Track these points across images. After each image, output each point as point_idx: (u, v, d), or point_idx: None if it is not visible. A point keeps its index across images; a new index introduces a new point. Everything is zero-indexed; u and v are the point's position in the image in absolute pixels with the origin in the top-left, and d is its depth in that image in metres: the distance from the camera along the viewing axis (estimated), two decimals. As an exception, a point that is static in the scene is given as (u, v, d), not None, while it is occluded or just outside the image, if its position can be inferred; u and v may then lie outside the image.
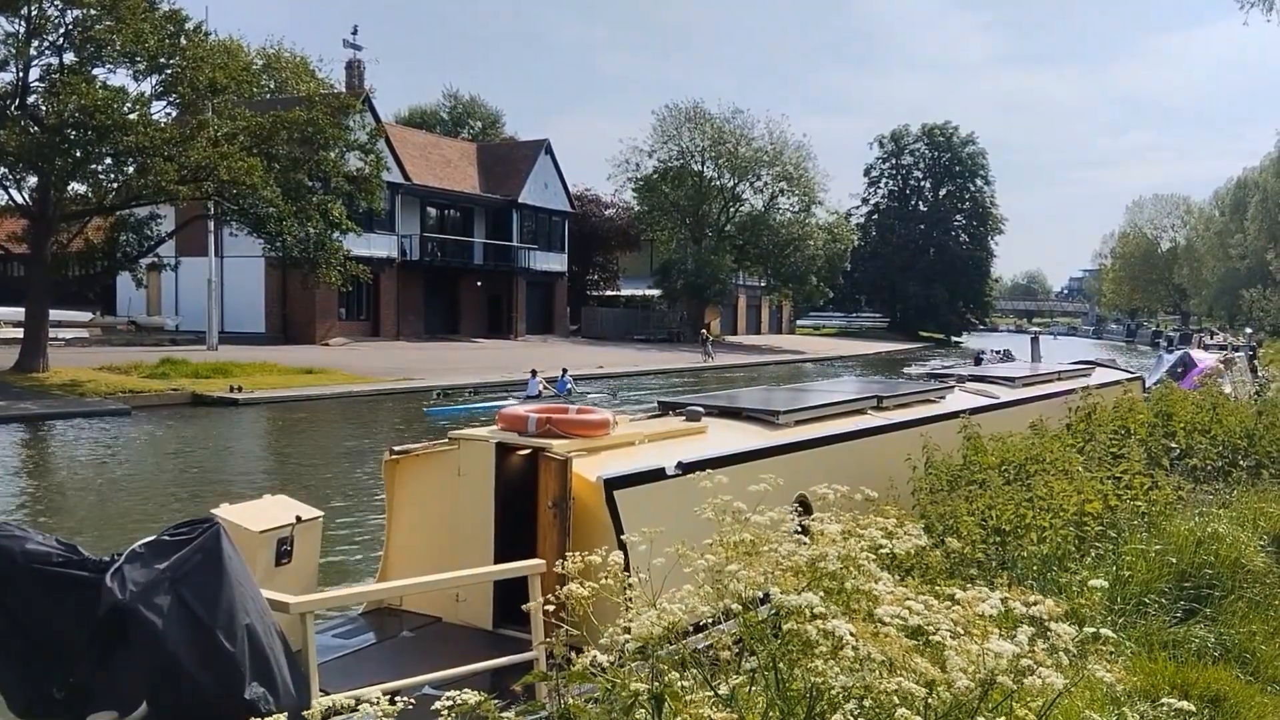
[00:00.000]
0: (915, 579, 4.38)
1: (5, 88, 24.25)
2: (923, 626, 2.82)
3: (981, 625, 2.77)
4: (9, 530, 3.64)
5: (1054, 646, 2.67)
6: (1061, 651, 2.66)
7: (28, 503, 13.77)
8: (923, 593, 3.07)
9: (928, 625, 2.81)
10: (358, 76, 44.33)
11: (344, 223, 27.46)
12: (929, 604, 2.90)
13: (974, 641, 2.69)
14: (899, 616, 2.84)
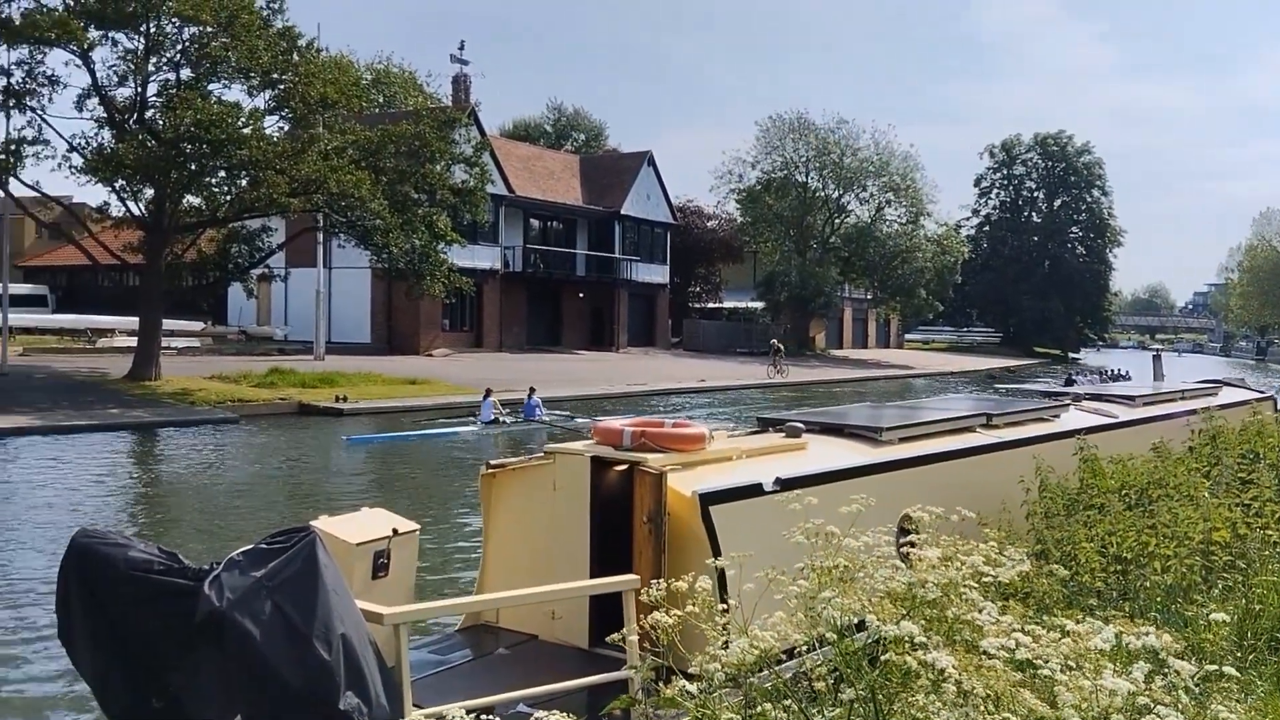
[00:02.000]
0: (1022, 606, 4.18)
1: (125, 102, 25.19)
2: (1031, 660, 2.69)
3: (1094, 659, 2.63)
4: (112, 538, 3.70)
5: (1173, 684, 2.52)
6: (1181, 690, 2.51)
7: (134, 509, 14.08)
8: (1030, 622, 2.93)
9: (1036, 659, 2.68)
10: (464, 90, 45.05)
11: (448, 234, 27.79)
12: (1036, 635, 2.76)
13: (1086, 677, 2.55)
14: (1005, 649, 2.72)
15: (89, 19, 23.52)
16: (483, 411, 21.97)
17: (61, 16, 23.03)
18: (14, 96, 23.93)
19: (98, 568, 3.65)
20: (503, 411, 22.23)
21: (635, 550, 5.79)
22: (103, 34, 24.23)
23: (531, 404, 23.09)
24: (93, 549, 3.67)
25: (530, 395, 23.42)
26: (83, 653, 3.75)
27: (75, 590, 3.69)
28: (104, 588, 3.62)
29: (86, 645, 3.71)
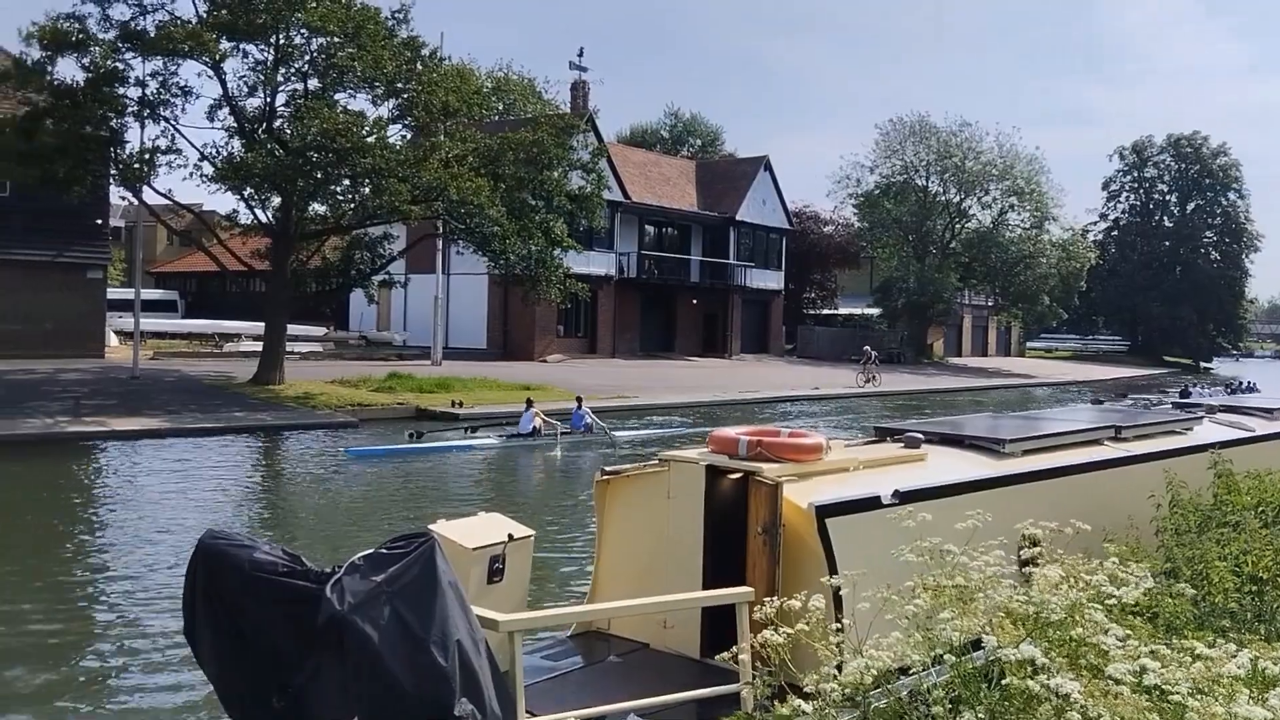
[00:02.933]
0: (1150, 626, 4.05)
1: (254, 112, 26.08)
2: (1159, 685, 2.59)
3: (1228, 685, 2.55)
4: (238, 539, 3.76)
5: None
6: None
7: (258, 511, 14.46)
8: (1157, 644, 2.83)
9: (1165, 684, 2.58)
10: (582, 97, 45.49)
11: (564, 240, 28.00)
12: (1165, 658, 2.67)
13: (1219, 704, 2.45)
14: (1132, 673, 2.63)
15: (221, 31, 24.41)
16: (522, 423, 20.75)
17: (195, 29, 23.96)
18: (148, 107, 24.94)
19: (223, 568, 3.69)
20: (547, 423, 20.92)
21: (749, 562, 5.71)
22: (234, 45, 25.12)
23: (579, 415, 21.65)
24: (219, 550, 3.71)
25: (578, 405, 22.10)
26: (206, 650, 3.80)
27: (201, 589, 3.74)
28: (229, 588, 3.67)
29: (210, 643, 3.76)
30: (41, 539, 12.05)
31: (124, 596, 9.70)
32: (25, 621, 8.70)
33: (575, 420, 21.44)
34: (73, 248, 30.69)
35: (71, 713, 6.88)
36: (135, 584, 10.02)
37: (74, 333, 30.91)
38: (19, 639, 8.31)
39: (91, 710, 7.00)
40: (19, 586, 9.78)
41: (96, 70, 24.21)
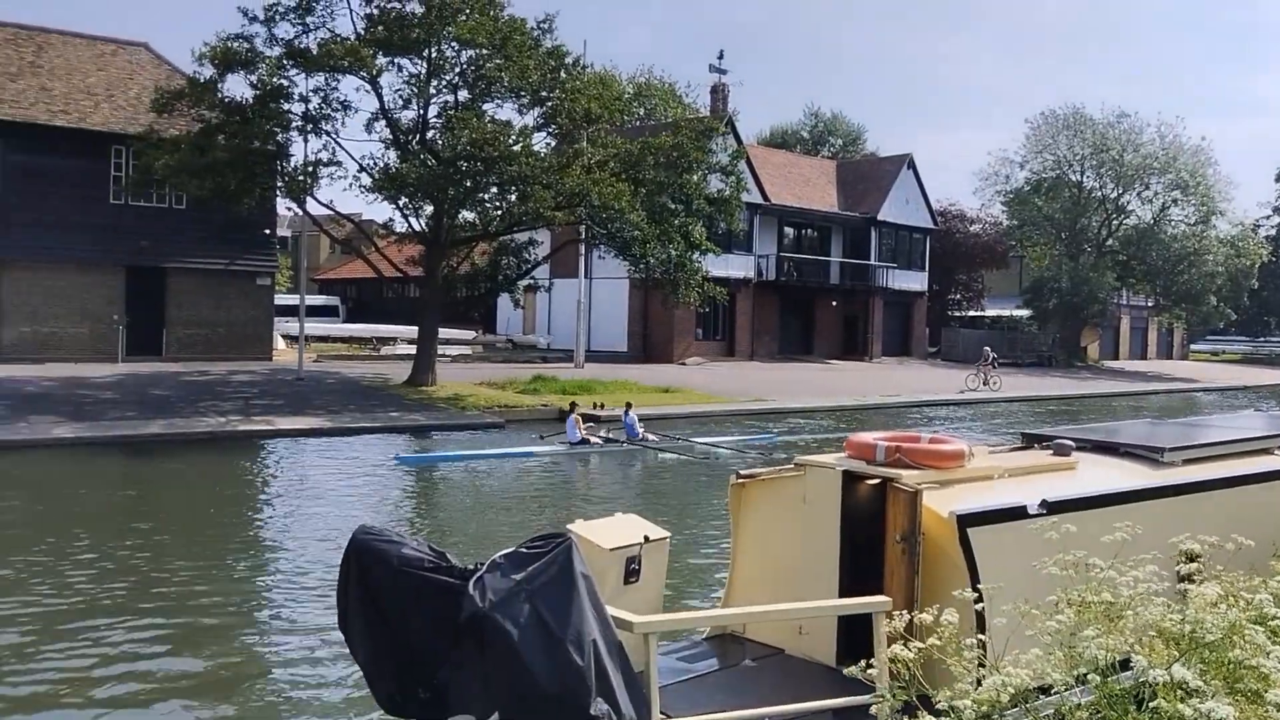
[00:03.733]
0: None
1: (408, 124, 27.04)
2: None
3: None
4: (388, 535, 3.90)
5: None
6: None
7: (409, 509, 14.97)
8: None
9: None
10: (722, 99, 45.53)
11: (703, 243, 28.07)
12: None
13: None
14: None
15: (378, 47, 25.42)
16: (568, 431, 19.93)
17: (354, 45, 25.00)
18: (311, 121, 26.14)
19: (374, 563, 3.84)
20: (594, 430, 20.26)
21: (887, 570, 5.59)
22: (389, 60, 26.10)
23: (629, 421, 20.66)
24: (370, 545, 3.87)
25: (627, 412, 20.98)
26: (357, 640, 3.95)
27: (353, 582, 3.90)
28: (379, 582, 3.82)
29: (361, 634, 3.92)
30: (212, 528, 12.84)
31: (287, 586, 10.20)
32: (197, 611, 9.24)
33: (629, 428, 20.52)
34: (244, 257, 32.57)
35: (232, 700, 7.22)
36: (296, 574, 10.52)
37: (245, 337, 32.84)
38: (190, 624, 8.84)
39: (250, 696, 7.34)
40: (192, 572, 10.42)
41: (263, 87, 25.54)
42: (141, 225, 30.41)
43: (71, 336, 29.66)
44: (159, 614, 9.03)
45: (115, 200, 30.08)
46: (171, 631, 8.61)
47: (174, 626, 8.73)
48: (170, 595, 9.63)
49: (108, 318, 30.02)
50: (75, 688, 7.25)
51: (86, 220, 29.53)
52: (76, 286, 29.75)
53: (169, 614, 9.04)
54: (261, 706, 7.15)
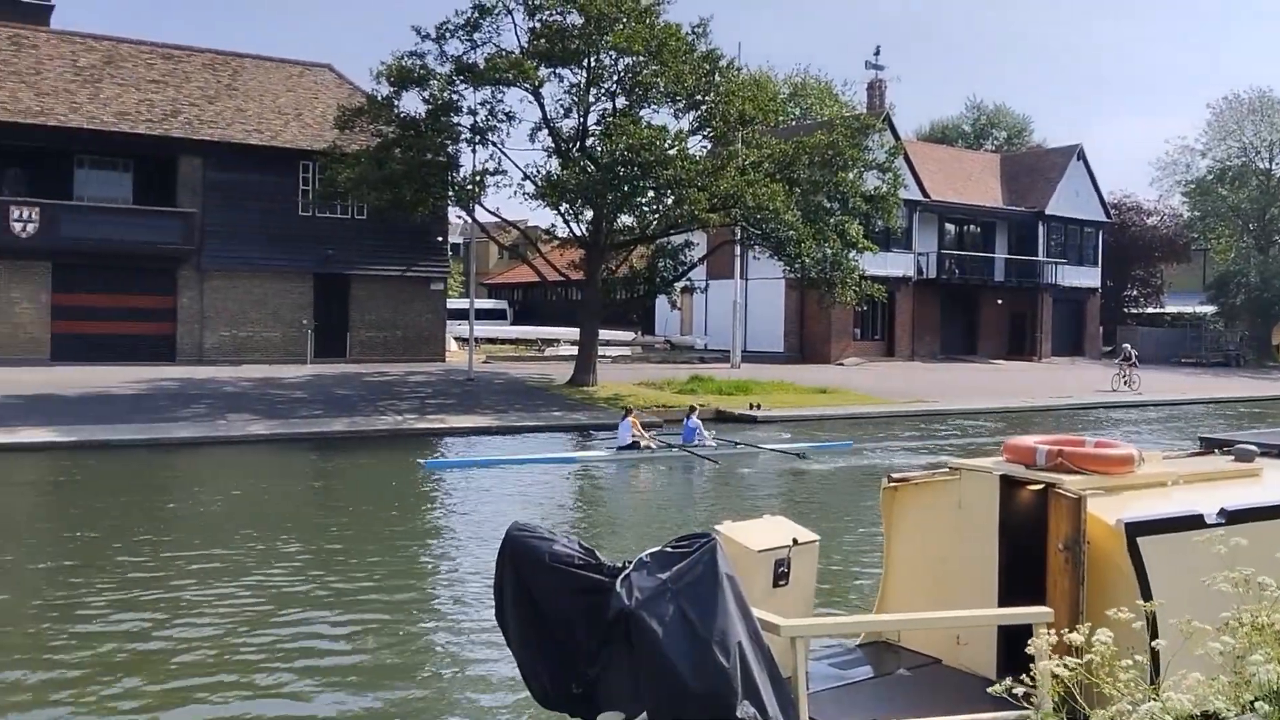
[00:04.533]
0: None
1: (569, 132, 27.83)
2: None
3: None
4: (540, 532, 3.99)
5: None
6: None
7: (566, 507, 15.37)
8: None
9: None
10: (879, 95, 44.90)
11: (860, 242, 27.82)
12: None
13: None
14: None
15: (540, 59, 26.24)
16: (620, 434, 19.09)
17: (517, 59, 25.90)
18: (479, 133, 27.18)
19: (526, 559, 3.92)
20: (646, 435, 19.39)
21: (1050, 580, 5.35)
22: (551, 71, 26.88)
23: (690, 427, 19.59)
24: (522, 541, 3.95)
25: (689, 416, 19.99)
26: (513, 635, 4.05)
27: (508, 578, 3.99)
28: (531, 578, 3.90)
29: (515, 629, 4.01)
30: (387, 521, 13.67)
31: (453, 580, 10.73)
32: (365, 605, 9.76)
33: (686, 433, 19.52)
34: (418, 263, 34.27)
35: (397, 689, 7.49)
36: (462, 569, 11.03)
37: (420, 339, 34.53)
38: (361, 614, 9.33)
39: (415, 685, 7.64)
40: (367, 564, 11.09)
41: (435, 102, 26.79)
42: (327, 235, 32.47)
43: (265, 340, 31.90)
44: (338, 606, 9.57)
45: (303, 212, 32.22)
46: (352, 616, 9.15)
47: (352, 615, 9.24)
48: (347, 586, 10.22)
49: (297, 322, 32.16)
50: (245, 673, 7.66)
51: (278, 231, 31.74)
52: (270, 293, 32.00)
53: (349, 606, 9.58)
54: (424, 696, 7.37)
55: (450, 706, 7.21)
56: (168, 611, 9.07)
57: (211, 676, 7.57)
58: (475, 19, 26.87)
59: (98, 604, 9.28)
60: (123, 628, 8.63)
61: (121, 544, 11.61)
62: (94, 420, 19.85)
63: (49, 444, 18.20)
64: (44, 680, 7.45)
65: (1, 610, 9.21)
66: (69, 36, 32.85)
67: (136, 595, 9.56)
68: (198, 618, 8.92)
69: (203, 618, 8.92)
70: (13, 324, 28.97)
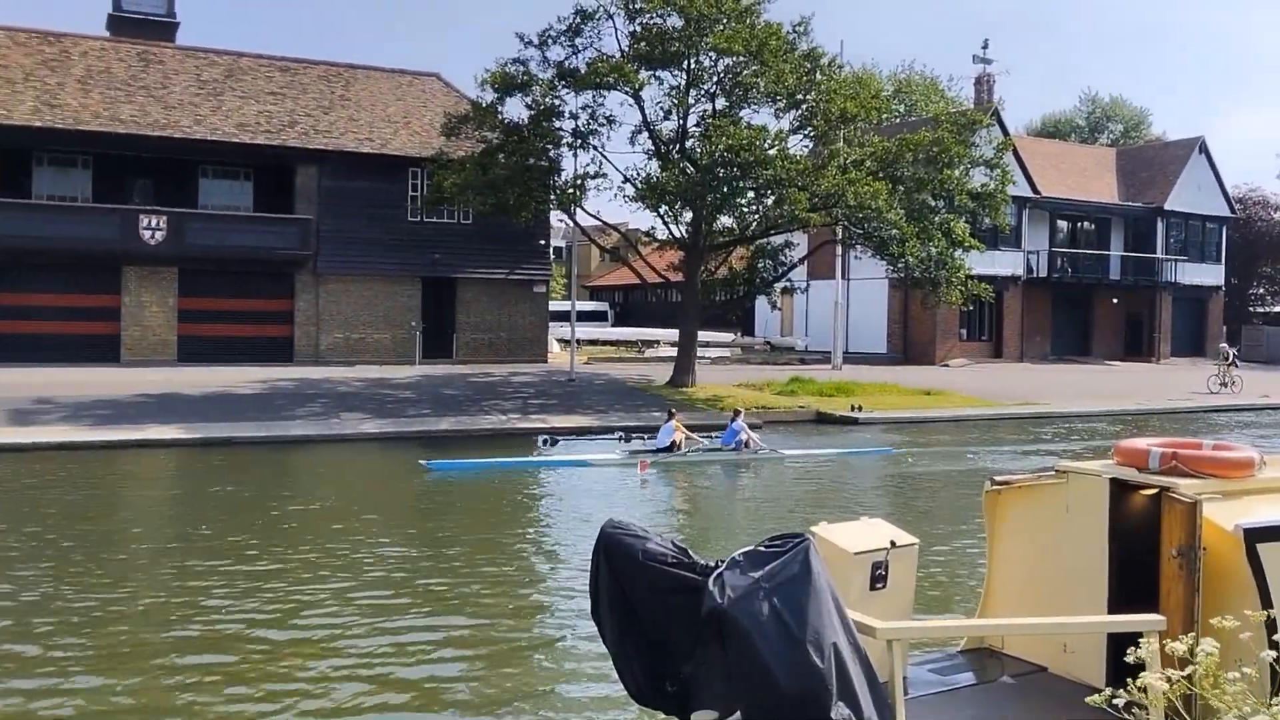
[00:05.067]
0: None
1: (669, 134, 28.02)
2: None
3: None
4: (634, 530, 4.03)
5: None
6: None
7: (661, 504, 15.54)
8: None
9: None
10: (986, 91, 44.01)
11: (967, 241, 27.35)
12: None
13: None
14: None
15: (640, 62, 26.45)
16: (660, 436, 18.55)
17: (618, 63, 26.18)
18: (580, 137, 27.53)
19: (620, 556, 3.95)
20: (690, 438, 18.66)
21: (1162, 588, 5.21)
22: (651, 74, 27.12)
23: (733, 429, 18.87)
24: (617, 539, 3.99)
25: (734, 418, 19.25)
26: (608, 631, 4.08)
27: (603, 575, 4.02)
28: (625, 575, 3.93)
29: (610, 625, 4.04)
30: (494, 518, 14.07)
31: (551, 574, 10.99)
32: (465, 599, 10.07)
33: (727, 436, 18.91)
34: (522, 266, 34.99)
35: (492, 681, 7.67)
36: (563, 563, 11.27)
37: (523, 340, 35.24)
38: (460, 607, 9.61)
39: (513, 678, 7.82)
40: (469, 558, 11.45)
41: (537, 107, 27.27)
42: (434, 239, 33.40)
43: (376, 341, 32.97)
44: (447, 607, 9.90)
45: (412, 218, 33.21)
46: (457, 606, 9.48)
47: (453, 607, 9.56)
48: (449, 581, 10.53)
49: (407, 324, 33.14)
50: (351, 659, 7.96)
51: (388, 236, 32.79)
52: (381, 296, 33.07)
53: (448, 599, 9.90)
54: (520, 689, 7.51)
55: (546, 700, 7.33)
56: (291, 603, 9.49)
57: (324, 662, 7.91)
58: (577, 24, 27.28)
59: (225, 594, 9.78)
60: (249, 616, 9.08)
61: (248, 536, 12.19)
62: (218, 418, 20.83)
63: (177, 440, 19.18)
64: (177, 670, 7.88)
65: (136, 597, 9.80)
66: (193, 52, 34.48)
67: (261, 585, 10.04)
68: (317, 610, 9.30)
69: (321, 610, 9.30)
70: (143, 326, 30.57)
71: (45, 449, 18.08)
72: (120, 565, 10.94)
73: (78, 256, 29.57)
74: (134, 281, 30.47)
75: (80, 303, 30.05)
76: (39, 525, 12.61)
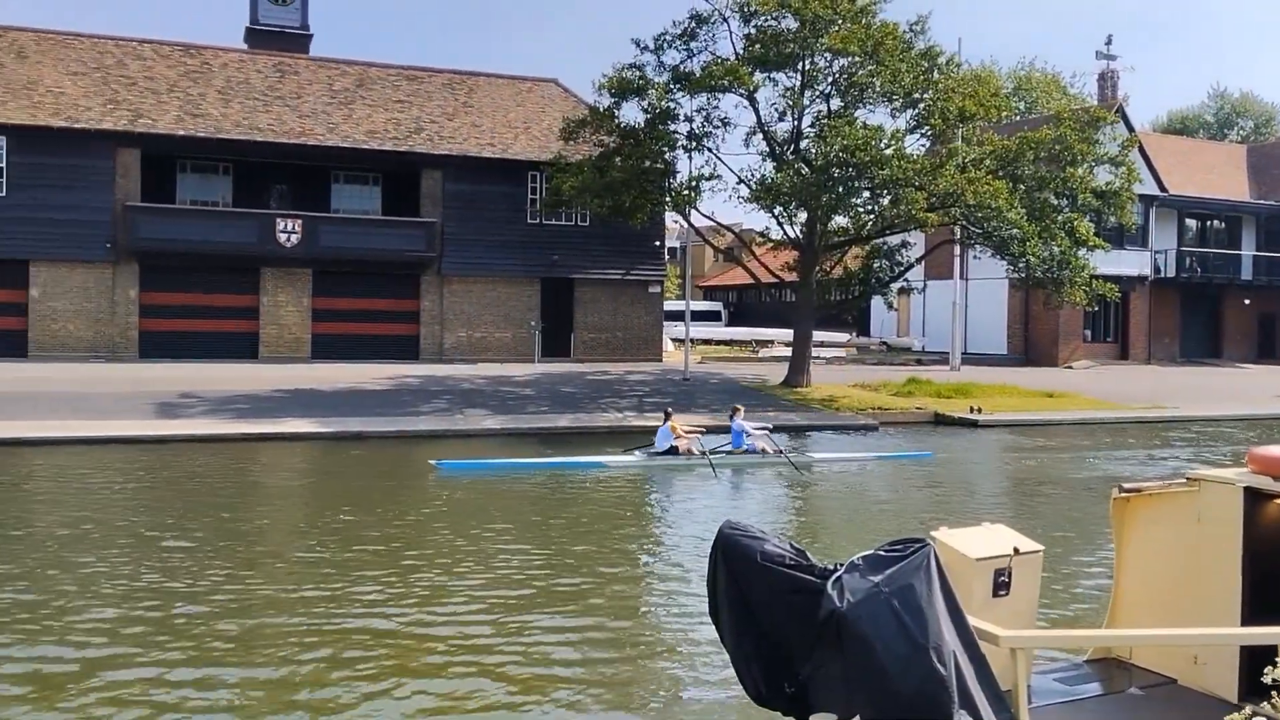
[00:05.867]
0: None
1: (783, 135, 28.12)
2: None
3: None
4: (752, 531, 4.04)
5: None
6: None
7: (778, 506, 15.63)
8: None
9: None
10: (1111, 87, 42.78)
11: (1091, 240, 26.79)
12: None
13: None
14: None
15: (755, 64, 26.63)
16: (658, 440, 17.70)
17: (733, 65, 26.39)
18: (695, 139, 27.85)
19: (739, 557, 3.94)
20: (690, 437, 17.68)
21: None
22: (766, 76, 27.27)
23: (736, 430, 17.98)
24: (734, 540, 4.00)
25: (733, 417, 18.35)
26: (726, 631, 4.09)
27: (721, 575, 4.03)
28: (744, 576, 3.92)
29: (729, 625, 4.05)
30: (607, 518, 14.47)
31: (670, 572, 11.13)
32: (584, 593, 10.38)
33: (735, 438, 18.00)
34: (637, 267, 35.58)
35: (609, 679, 7.75)
36: (683, 561, 11.38)
37: (638, 340, 35.82)
38: (578, 601, 9.93)
39: (629, 678, 7.90)
40: (587, 551, 11.84)
41: (653, 111, 27.68)
42: (553, 241, 34.25)
43: (498, 340, 33.96)
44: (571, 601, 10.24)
45: (531, 220, 34.13)
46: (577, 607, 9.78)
47: (569, 599, 9.83)
48: (571, 579, 10.83)
49: (526, 324, 34.06)
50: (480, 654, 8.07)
51: (509, 238, 33.76)
52: (502, 296, 34.06)
53: (567, 593, 10.21)
54: (637, 688, 7.56)
55: (666, 700, 7.39)
56: (424, 596, 9.91)
57: (450, 658, 8.17)
58: (692, 28, 27.63)
59: (372, 583, 10.36)
60: (386, 609, 9.58)
61: (384, 530, 12.84)
62: (349, 412, 21.83)
63: (312, 434, 20.18)
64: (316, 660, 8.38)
65: (281, 588, 10.47)
66: (326, 62, 36.04)
67: (401, 578, 10.56)
68: (444, 603, 9.59)
69: (445, 603, 9.60)
70: (279, 325, 32.11)
71: (189, 440, 19.24)
72: (260, 554, 11.58)
73: (219, 258, 31.26)
74: (271, 282, 32.04)
75: (221, 302, 31.76)
76: (184, 514, 13.33)
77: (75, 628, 8.46)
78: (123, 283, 30.58)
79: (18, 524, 12.55)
